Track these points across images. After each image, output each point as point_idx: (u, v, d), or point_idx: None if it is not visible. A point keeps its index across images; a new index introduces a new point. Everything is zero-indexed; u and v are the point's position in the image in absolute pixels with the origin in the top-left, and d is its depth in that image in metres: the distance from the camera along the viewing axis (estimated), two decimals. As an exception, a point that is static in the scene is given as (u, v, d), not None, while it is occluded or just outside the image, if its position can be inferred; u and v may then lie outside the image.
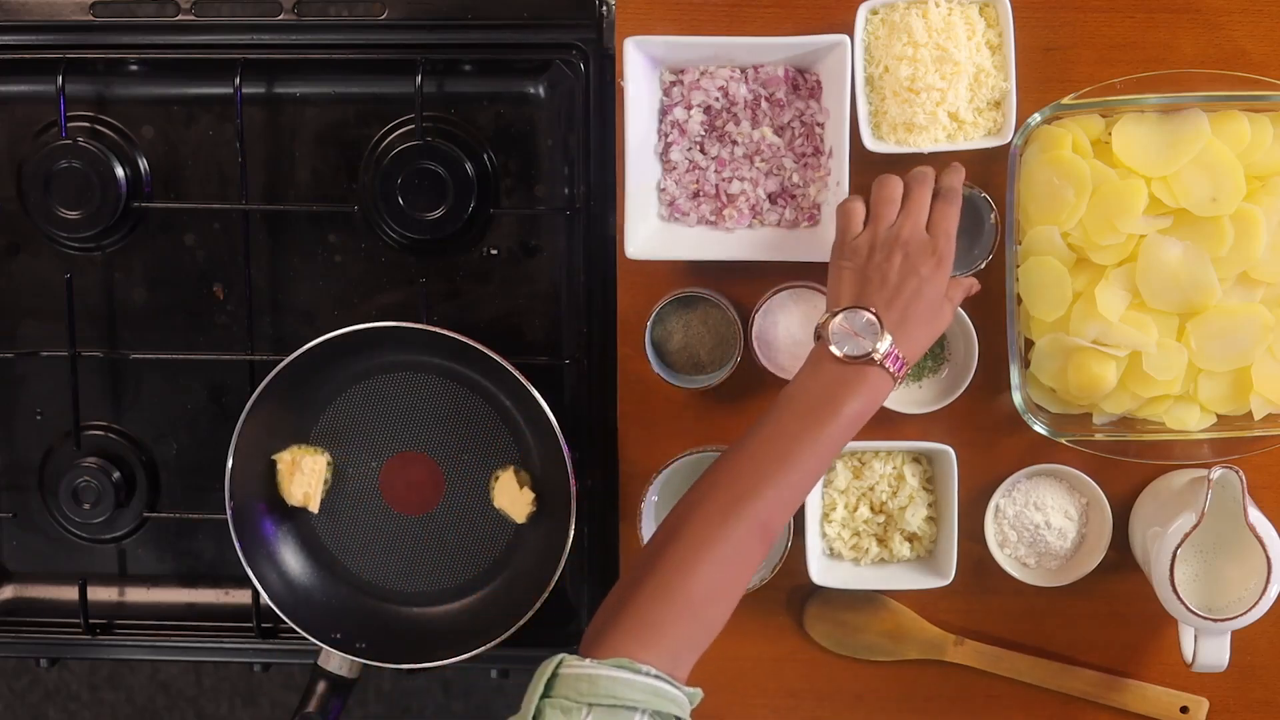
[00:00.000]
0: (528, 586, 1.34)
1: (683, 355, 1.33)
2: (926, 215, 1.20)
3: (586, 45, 1.36)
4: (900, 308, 1.16)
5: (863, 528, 1.34)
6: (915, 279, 1.17)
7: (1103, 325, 1.26)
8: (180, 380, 1.44)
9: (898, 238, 1.18)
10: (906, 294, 1.17)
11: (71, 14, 1.40)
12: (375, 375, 1.37)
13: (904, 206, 1.20)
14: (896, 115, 1.28)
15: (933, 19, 1.27)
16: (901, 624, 1.36)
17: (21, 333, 1.45)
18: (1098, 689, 1.36)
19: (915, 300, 1.17)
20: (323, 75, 1.40)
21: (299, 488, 1.37)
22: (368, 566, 1.41)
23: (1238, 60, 1.29)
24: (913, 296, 1.17)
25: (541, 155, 1.39)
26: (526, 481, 1.37)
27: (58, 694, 2.33)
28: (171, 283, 1.43)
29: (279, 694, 2.31)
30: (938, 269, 1.18)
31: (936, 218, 1.20)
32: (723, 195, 1.31)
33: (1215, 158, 1.24)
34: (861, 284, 1.18)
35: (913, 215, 1.19)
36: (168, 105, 1.41)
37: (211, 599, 1.48)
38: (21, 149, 1.42)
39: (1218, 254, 1.24)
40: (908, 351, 1.16)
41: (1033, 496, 1.33)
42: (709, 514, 1.10)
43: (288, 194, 1.42)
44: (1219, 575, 1.26)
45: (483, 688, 2.26)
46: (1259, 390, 1.27)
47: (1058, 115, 1.26)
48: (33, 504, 1.47)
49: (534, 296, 1.41)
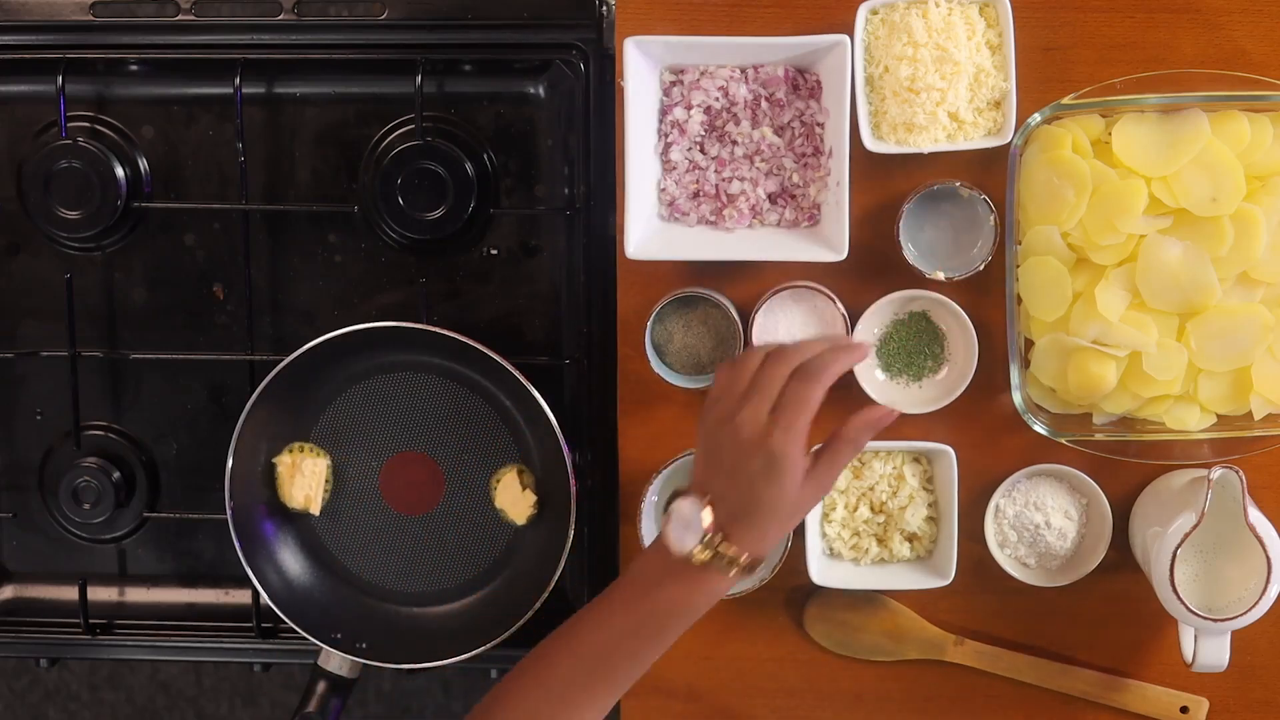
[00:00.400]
0: (528, 586, 1.34)
1: (683, 355, 1.33)
2: (769, 404, 1.08)
3: (586, 45, 1.36)
4: (736, 503, 1.07)
5: (862, 528, 1.34)
6: (746, 477, 1.07)
7: (1103, 325, 1.26)
8: (180, 380, 1.44)
9: (736, 430, 1.07)
10: (741, 489, 1.07)
11: (71, 14, 1.40)
12: (375, 375, 1.37)
13: (750, 392, 1.09)
14: (896, 115, 1.28)
15: (933, 19, 1.27)
16: (901, 624, 1.36)
17: (21, 333, 1.45)
18: (1098, 689, 1.36)
19: (750, 497, 1.07)
20: (323, 75, 1.40)
21: (300, 490, 1.37)
22: (368, 566, 1.41)
23: (1238, 60, 1.29)
24: (748, 493, 1.07)
25: (541, 155, 1.39)
26: (530, 484, 1.36)
27: (58, 694, 2.33)
28: (171, 283, 1.43)
29: (279, 694, 2.30)
30: (769, 469, 1.06)
31: (782, 406, 1.07)
32: (723, 195, 1.31)
33: (1215, 158, 1.24)
34: (704, 468, 1.10)
35: (751, 403, 1.07)
36: (168, 105, 1.41)
37: (211, 599, 1.48)
38: (21, 149, 1.42)
39: (1218, 254, 1.24)
40: (749, 548, 1.08)
41: (1033, 496, 1.33)
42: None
43: (288, 194, 1.42)
44: (1219, 575, 1.26)
45: (483, 688, 2.23)
46: (1259, 390, 1.27)
47: (1058, 115, 1.26)
48: (33, 504, 1.47)
49: (534, 296, 1.41)
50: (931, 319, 1.32)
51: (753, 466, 1.07)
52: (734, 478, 1.08)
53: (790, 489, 1.07)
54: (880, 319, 1.32)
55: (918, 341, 1.32)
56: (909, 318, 1.32)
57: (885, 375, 1.33)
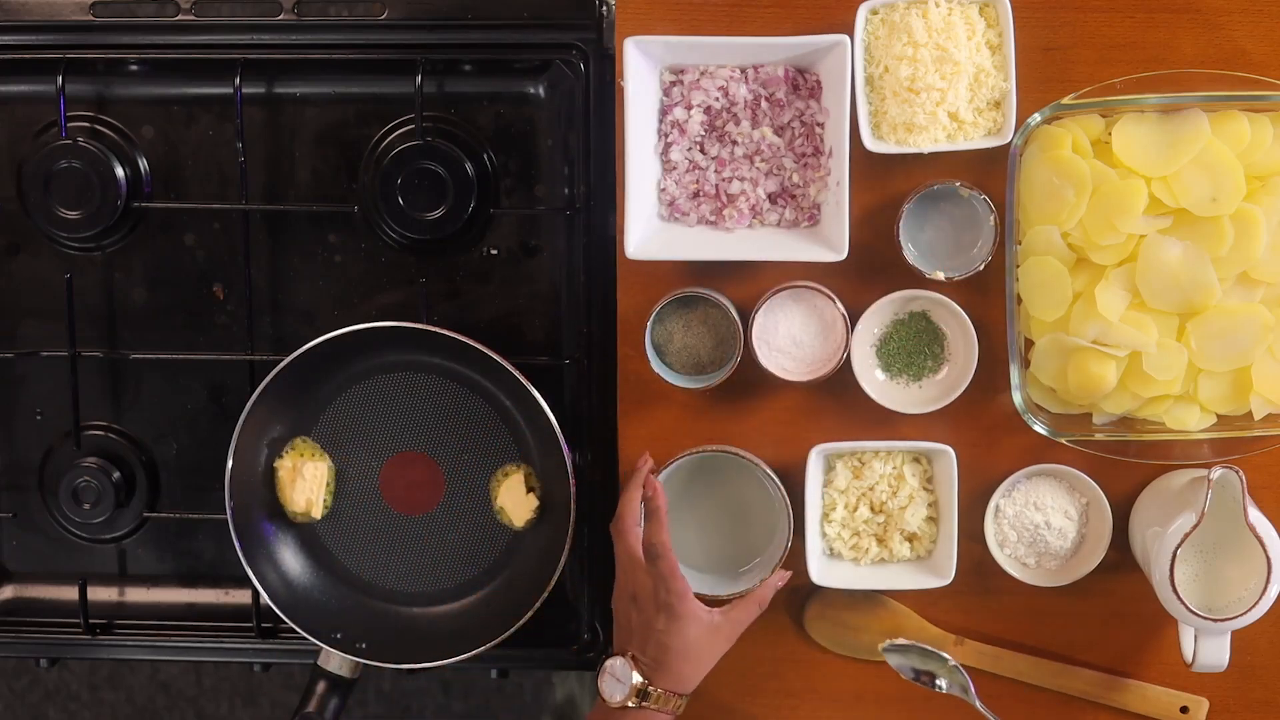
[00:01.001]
0: (528, 586, 1.34)
1: (683, 355, 1.33)
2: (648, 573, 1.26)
3: (586, 45, 1.36)
4: (652, 655, 1.24)
5: (862, 528, 1.34)
6: (655, 635, 1.25)
7: (1103, 325, 1.26)
8: (180, 380, 1.44)
9: (637, 599, 1.26)
10: (652, 644, 1.24)
11: (71, 14, 1.40)
12: (375, 375, 1.37)
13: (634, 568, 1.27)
14: (896, 115, 1.28)
15: (933, 19, 1.27)
16: (901, 624, 1.36)
17: (21, 333, 1.45)
18: (1098, 689, 1.36)
19: (661, 649, 1.24)
20: (323, 75, 1.40)
21: (301, 494, 1.37)
22: (368, 566, 1.40)
23: (1238, 60, 1.29)
24: (658, 647, 1.24)
25: (541, 155, 1.39)
26: (535, 487, 1.36)
27: (58, 694, 2.33)
28: (171, 283, 1.43)
29: (279, 694, 2.31)
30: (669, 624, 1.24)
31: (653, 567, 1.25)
32: (723, 195, 1.31)
33: (1215, 158, 1.24)
34: (621, 633, 1.28)
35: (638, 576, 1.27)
36: (168, 105, 1.41)
37: (211, 599, 1.48)
38: (21, 149, 1.42)
39: (1218, 254, 1.24)
40: (673, 688, 1.24)
41: (1033, 496, 1.33)
42: None
43: (288, 194, 1.42)
44: (1219, 575, 1.26)
45: (483, 688, 2.26)
46: (1259, 390, 1.27)
47: (1058, 115, 1.26)
48: (33, 504, 1.47)
49: (534, 296, 1.41)
50: (931, 319, 1.32)
51: (658, 625, 1.24)
52: (645, 636, 1.25)
53: (693, 634, 1.24)
54: (880, 319, 1.32)
55: (918, 341, 1.32)
56: (909, 318, 1.32)
57: (885, 375, 1.33)
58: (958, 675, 1.30)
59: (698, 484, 1.35)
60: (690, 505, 1.35)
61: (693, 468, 1.34)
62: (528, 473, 1.37)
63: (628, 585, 1.28)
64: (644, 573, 1.26)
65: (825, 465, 1.34)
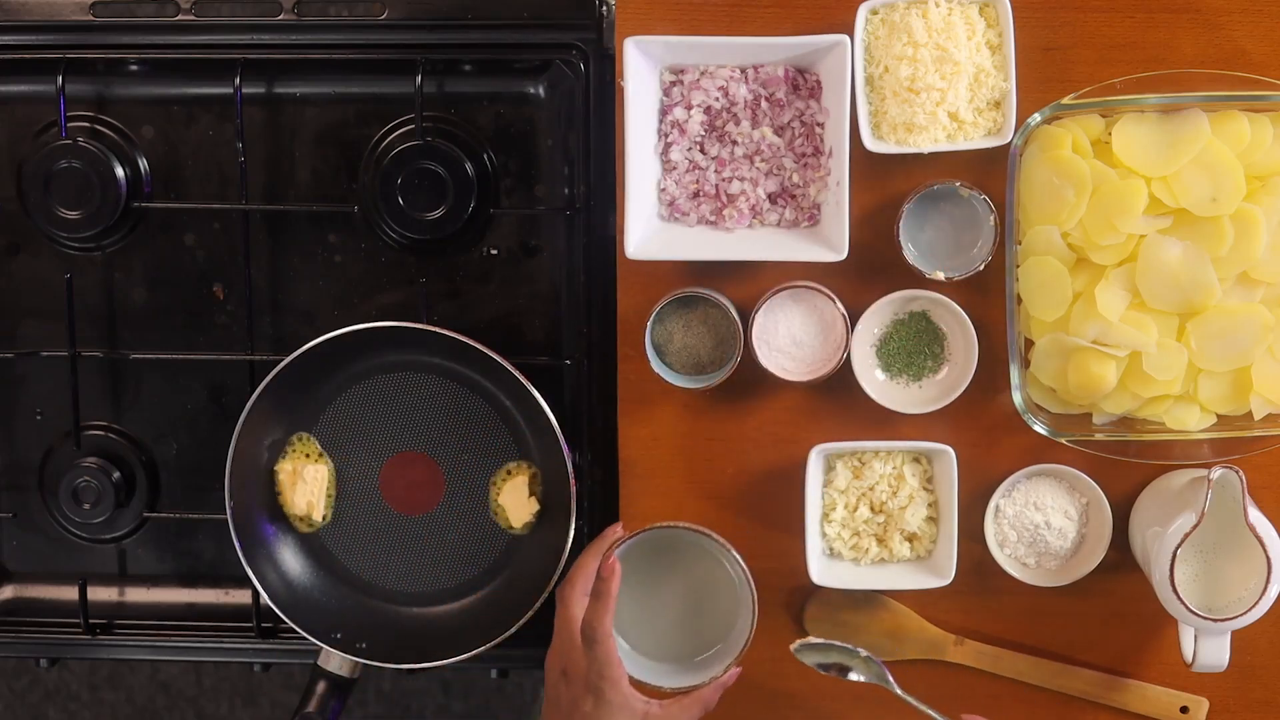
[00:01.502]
0: (528, 586, 1.34)
1: (683, 355, 1.33)
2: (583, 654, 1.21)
3: (586, 45, 1.36)
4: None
5: (862, 528, 1.34)
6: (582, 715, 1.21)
7: (1103, 325, 1.26)
8: (180, 380, 1.44)
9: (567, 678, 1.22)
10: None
11: (71, 14, 1.40)
12: (375, 375, 1.37)
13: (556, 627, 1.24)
14: (896, 115, 1.28)
15: (933, 19, 1.27)
16: (901, 624, 1.36)
17: (21, 333, 1.45)
18: (1098, 689, 1.36)
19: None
20: (323, 75, 1.40)
21: (302, 497, 1.37)
22: (367, 566, 1.41)
23: (1238, 60, 1.29)
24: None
25: (541, 155, 1.39)
26: (537, 491, 1.36)
27: (58, 694, 2.34)
28: (171, 283, 1.43)
29: (279, 694, 2.31)
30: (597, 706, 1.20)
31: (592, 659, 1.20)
32: (723, 195, 1.31)
33: (1215, 158, 1.24)
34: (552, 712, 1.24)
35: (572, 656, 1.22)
36: (168, 105, 1.41)
37: (211, 599, 1.48)
38: (21, 149, 1.42)
39: (1218, 254, 1.24)
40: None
41: (1033, 496, 1.33)
42: None
43: (288, 194, 1.42)
44: (1219, 575, 1.26)
45: (483, 688, 2.26)
46: (1259, 390, 1.27)
47: (1058, 115, 1.26)
48: (33, 504, 1.47)
49: (534, 296, 1.41)
50: (931, 319, 1.32)
51: (584, 706, 1.20)
52: (570, 715, 1.22)
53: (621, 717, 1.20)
54: (880, 319, 1.32)
55: (918, 341, 1.32)
56: (909, 318, 1.32)
57: (885, 375, 1.33)
58: (872, 665, 1.27)
59: (663, 560, 1.30)
60: (652, 583, 1.31)
61: (659, 544, 1.29)
62: (528, 473, 1.37)
63: (561, 657, 1.24)
64: (579, 651, 1.21)
65: (825, 465, 1.34)
